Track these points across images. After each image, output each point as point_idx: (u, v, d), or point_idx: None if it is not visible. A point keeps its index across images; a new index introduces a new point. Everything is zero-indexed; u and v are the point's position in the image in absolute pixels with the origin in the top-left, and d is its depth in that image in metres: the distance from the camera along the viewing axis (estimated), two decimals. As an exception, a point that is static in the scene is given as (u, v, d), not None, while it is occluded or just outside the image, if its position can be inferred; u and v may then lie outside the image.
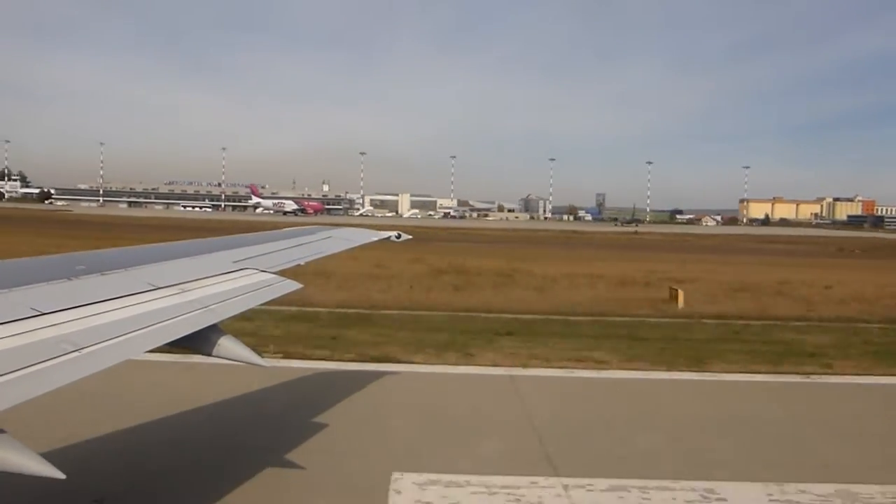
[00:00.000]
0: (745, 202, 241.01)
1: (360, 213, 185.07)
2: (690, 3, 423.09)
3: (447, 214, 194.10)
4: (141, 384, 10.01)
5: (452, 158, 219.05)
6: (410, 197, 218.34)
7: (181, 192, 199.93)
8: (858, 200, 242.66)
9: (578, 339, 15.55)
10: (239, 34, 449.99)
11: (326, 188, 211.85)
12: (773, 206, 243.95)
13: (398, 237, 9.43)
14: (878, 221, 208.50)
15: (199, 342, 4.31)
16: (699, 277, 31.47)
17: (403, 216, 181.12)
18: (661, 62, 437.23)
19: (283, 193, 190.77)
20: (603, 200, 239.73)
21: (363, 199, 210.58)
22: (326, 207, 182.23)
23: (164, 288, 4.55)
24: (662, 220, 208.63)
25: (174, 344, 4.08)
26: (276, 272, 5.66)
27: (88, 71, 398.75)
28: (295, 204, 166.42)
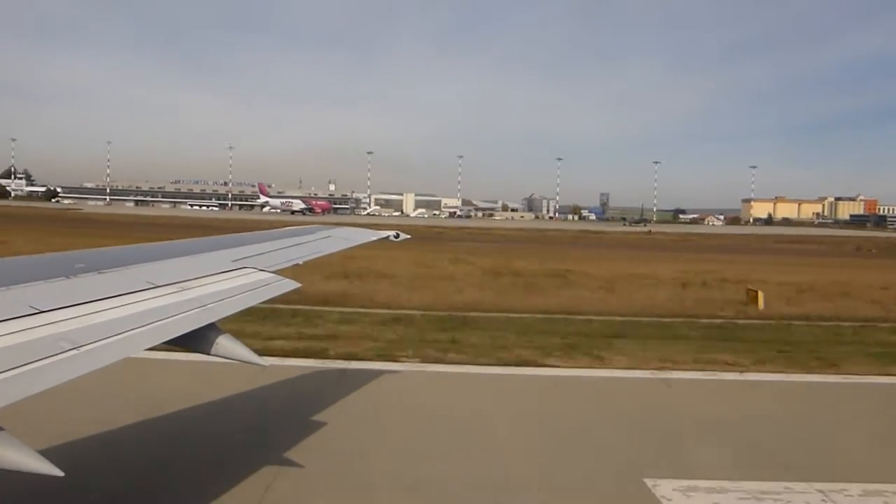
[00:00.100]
0: (747, 202, 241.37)
1: (367, 212, 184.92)
2: (690, 2, 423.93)
3: (453, 214, 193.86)
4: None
5: (460, 158, 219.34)
6: (415, 196, 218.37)
7: (187, 191, 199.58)
8: (860, 200, 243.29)
9: (689, 341, 15.75)
10: (239, 34, 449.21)
11: (333, 187, 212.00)
12: (775, 205, 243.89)
13: (396, 237, 9.37)
14: (880, 221, 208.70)
15: (197, 341, 4.29)
16: (748, 278, 31.54)
17: (410, 215, 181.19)
18: (661, 62, 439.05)
19: (289, 192, 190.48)
20: (607, 200, 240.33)
21: (370, 198, 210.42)
22: (333, 207, 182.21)
23: (162, 286, 4.53)
24: (666, 219, 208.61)
25: (173, 343, 4.06)
26: (274, 271, 5.66)
27: (88, 70, 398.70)
28: (303, 203, 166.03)
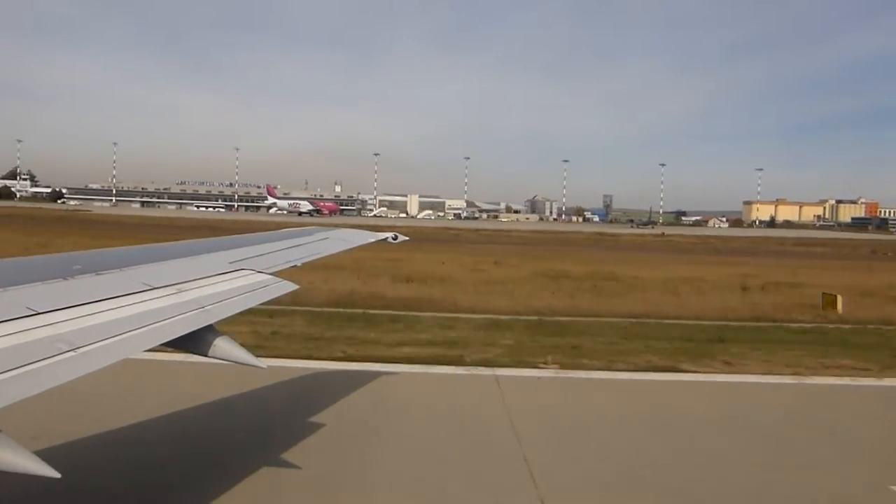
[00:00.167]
0: (748, 204, 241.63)
1: (373, 213, 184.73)
2: (690, 2, 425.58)
3: (458, 215, 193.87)
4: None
5: (466, 160, 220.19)
6: (419, 198, 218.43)
7: (192, 192, 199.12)
8: (861, 202, 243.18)
9: (796, 345, 15.97)
10: (240, 34, 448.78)
11: (339, 189, 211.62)
12: (776, 207, 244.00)
13: (395, 238, 9.40)
14: (882, 223, 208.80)
15: (195, 343, 4.28)
16: (800, 282, 31.55)
17: (417, 217, 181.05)
18: (661, 63, 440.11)
19: (295, 194, 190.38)
20: (610, 202, 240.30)
21: (376, 199, 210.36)
22: (340, 208, 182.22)
23: (160, 288, 4.52)
24: (669, 221, 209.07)
25: (170, 344, 4.05)
26: (272, 273, 5.66)
27: (88, 71, 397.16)
28: (310, 205, 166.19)
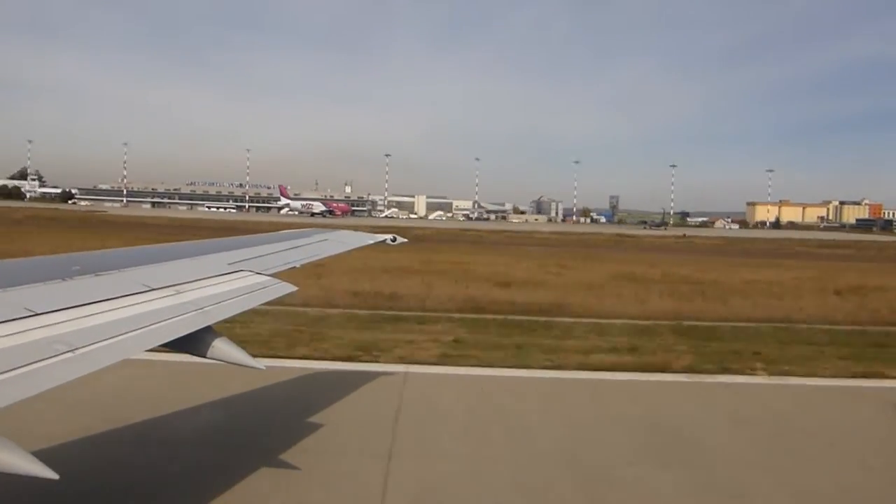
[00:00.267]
0: (752, 205, 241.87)
1: (384, 214, 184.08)
2: (695, 3, 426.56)
3: (467, 216, 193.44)
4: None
5: (477, 161, 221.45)
6: (427, 199, 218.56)
7: (203, 192, 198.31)
8: (865, 204, 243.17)
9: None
10: (244, 34, 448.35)
11: (349, 189, 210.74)
12: (780, 208, 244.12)
13: (393, 240, 9.42)
14: (886, 225, 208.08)
15: (193, 344, 4.31)
16: (881, 285, 30.99)
17: (428, 218, 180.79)
18: (662, 64, 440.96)
19: (305, 194, 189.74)
20: (616, 203, 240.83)
21: (387, 200, 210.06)
22: (352, 209, 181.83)
23: (158, 289, 4.55)
24: (676, 222, 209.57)
25: (168, 346, 4.09)
26: (271, 274, 5.68)
27: (89, 71, 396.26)
28: (323, 206, 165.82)
